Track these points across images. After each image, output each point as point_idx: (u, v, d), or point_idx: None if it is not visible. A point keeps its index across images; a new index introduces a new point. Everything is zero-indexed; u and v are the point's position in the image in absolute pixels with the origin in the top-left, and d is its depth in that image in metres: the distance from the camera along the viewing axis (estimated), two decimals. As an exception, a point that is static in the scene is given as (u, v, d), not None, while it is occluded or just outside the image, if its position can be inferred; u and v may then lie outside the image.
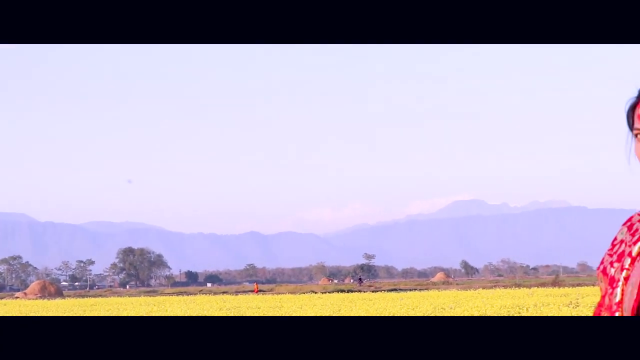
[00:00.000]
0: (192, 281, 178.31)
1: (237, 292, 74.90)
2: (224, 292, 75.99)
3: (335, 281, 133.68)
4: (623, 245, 2.23)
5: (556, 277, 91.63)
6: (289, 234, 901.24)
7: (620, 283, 2.14)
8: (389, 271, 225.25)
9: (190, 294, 72.89)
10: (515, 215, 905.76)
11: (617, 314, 2.10)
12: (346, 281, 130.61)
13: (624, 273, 2.14)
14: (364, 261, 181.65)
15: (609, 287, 2.19)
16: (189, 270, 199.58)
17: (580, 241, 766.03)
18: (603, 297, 2.21)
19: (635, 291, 2.07)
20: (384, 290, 65.67)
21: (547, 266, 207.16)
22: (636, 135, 2.17)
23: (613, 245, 2.28)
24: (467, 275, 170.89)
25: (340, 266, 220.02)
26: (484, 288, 60.62)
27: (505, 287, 63.87)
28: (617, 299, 2.12)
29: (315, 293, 60.23)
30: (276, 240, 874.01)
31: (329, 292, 62.01)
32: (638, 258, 2.14)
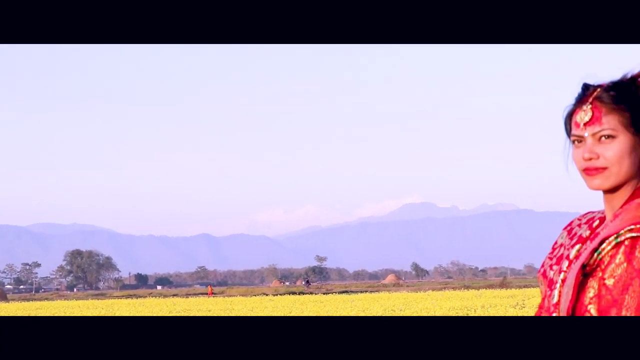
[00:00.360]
0: (141, 284, 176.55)
1: (187, 295, 74.41)
2: (174, 295, 75.41)
3: (287, 283, 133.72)
4: (562, 248, 2.30)
5: (504, 279, 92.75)
6: (241, 236, 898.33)
7: (557, 285, 2.20)
8: (341, 273, 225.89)
9: (140, 296, 72.16)
10: (464, 218, 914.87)
11: (554, 315, 2.17)
12: (298, 283, 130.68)
13: (562, 275, 2.20)
14: (315, 263, 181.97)
15: (547, 290, 2.25)
16: (138, 273, 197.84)
17: (528, 243, 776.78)
18: (543, 299, 2.27)
19: (571, 292, 2.14)
20: (335, 292, 65.92)
21: (496, 268, 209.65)
22: (574, 142, 2.23)
23: (554, 248, 2.35)
24: (418, 277, 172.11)
25: (292, 268, 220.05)
26: (433, 290, 61.17)
27: (454, 289, 64.55)
28: (554, 300, 2.19)
29: (267, 295, 60.07)
30: (227, 242, 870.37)
31: (281, 295, 61.91)
32: (575, 260, 2.20)
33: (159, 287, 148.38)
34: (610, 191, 2.22)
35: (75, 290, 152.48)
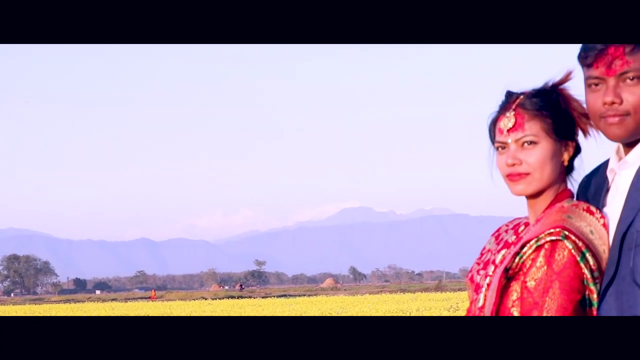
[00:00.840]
0: (80, 288, 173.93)
1: (126, 300, 73.69)
2: (113, 300, 74.62)
3: (227, 287, 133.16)
4: (489, 254, 2.32)
5: (439, 282, 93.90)
6: (180, 241, 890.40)
7: (483, 289, 2.23)
8: (280, 277, 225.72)
9: (78, 301, 71.24)
10: (401, 223, 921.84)
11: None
12: (237, 287, 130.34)
13: (487, 280, 2.22)
14: (254, 267, 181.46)
15: (474, 294, 2.28)
16: (77, 278, 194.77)
17: (463, 247, 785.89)
18: (471, 303, 2.29)
19: (494, 295, 2.16)
20: (274, 296, 65.97)
21: (431, 272, 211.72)
22: (497, 148, 2.25)
23: (482, 254, 2.38)
24: (355, 281, 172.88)
25: (232, 273, 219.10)
26: (370, 293, 61.78)
27: (391, 292, 65.22)
28: (480, 304, 2.21)
29: (206, 299, 59.91)
30: (167, 246, 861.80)
31: (220, 299, 61.79)
32: (499, 266, 2.21)
33: (97, 292, 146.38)
34: (533, 196, 2.24)
35: (12, 295, 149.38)
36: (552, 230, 2.12)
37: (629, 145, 2.18)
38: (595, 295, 2.11)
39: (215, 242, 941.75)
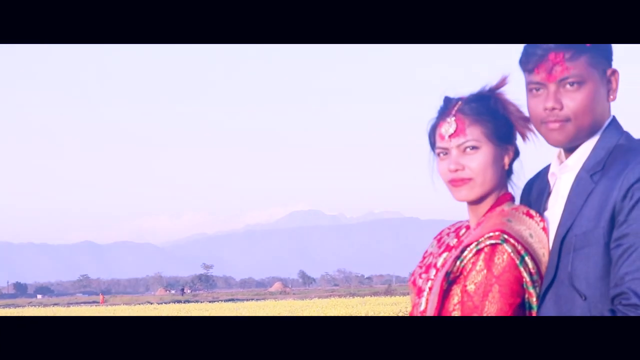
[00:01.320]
0: (20, 293, 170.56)
1: (69, 304, 72.46)
2: (54, 304, 73.28)
3: (173, 291, 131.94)
4: (432, 257, 2.35)
5: (389, 287, 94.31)
6: (125, 244, 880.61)
7: (425, 293, 2.25)
8: (227, 281, 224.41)
9: (18, 306, 69.80)
10: (351, 226, 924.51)
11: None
12: (184, 291, 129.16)
13: (429, 283, 2.24)
14: (202, 271, 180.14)
15: (416, 297, 2.30)
16: (17, 282, 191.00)
17: (413, 251, 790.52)
18: (413, 307, 2.31)
19: (436, 299, 2.18)
20: (222, 301, 65.49)
21: (381, 276, 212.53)
22: (438, 154, 2.28)
23: (424, 257, 2.40)
24: (305, 285, 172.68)
25: (178, 276, 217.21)
26: (320, 297, 61.60)
27: (340, 296, 65.11)
28: (422, 308, 2.24)
29: (151, 304, 59.17)
30: (112, 250, 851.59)
31: (166, 303, 61.08)
32: (441, 270, 2.23)
33: (39, 296, 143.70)
34: (474, 201, 2.27)
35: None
36: (491, 234, 2.14)
37: (569, 150, 2.20)
38: (534, 299, 2.14)
39: (162, 245, 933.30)
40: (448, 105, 2.29)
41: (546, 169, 2.35)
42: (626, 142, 2.16)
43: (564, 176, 2.21)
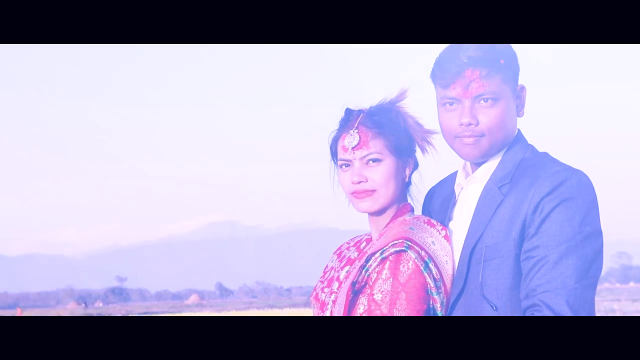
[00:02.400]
0: None
1: (-27, 319, 69.68)
2: (-43, 320, 70.41)
3: (84, 305, 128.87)
4: (333, 271, 2.40)
5: (308, 298, 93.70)
6: (35, 256, 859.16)
7: (329, 306, 2.30)
8: (142, 294, 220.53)
9: None
10: (270, 237, 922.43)
11: None
12: (96, 305, 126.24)
13: (332, 296, 2.29)
14: (115, 284, 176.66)
15: (319, 311, 2.35)
16: None
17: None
18: None
19: (342, 310, 2.22)
20: (136, 315, 63.91)
21: (300, 287, 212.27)
22: (341, 166, 2.34)
23: (325, 272, 2.45)
24: (222, 297, 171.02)
25: (91, 289, 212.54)
26: (237, 309, 60.77)
27: (258, 308, 64.40)
28: None
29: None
30: (21, 262, 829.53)
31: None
32: (344, 282, 2.28)
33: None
34: (376, 213, 2.33)
35: None
36: (395, 242, 2.19)
37: (477, 163, 2.28)
38: (438, 305, 2.18)
39: (74, 257, 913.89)
40: (350, 117, 2.33)
41: (449, 178, 2.42)
42: (532, 155, 2.23)
43: (471, 187, 2.28)
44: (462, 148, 2.22)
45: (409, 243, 2.18)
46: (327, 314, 2.28)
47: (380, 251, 2.20)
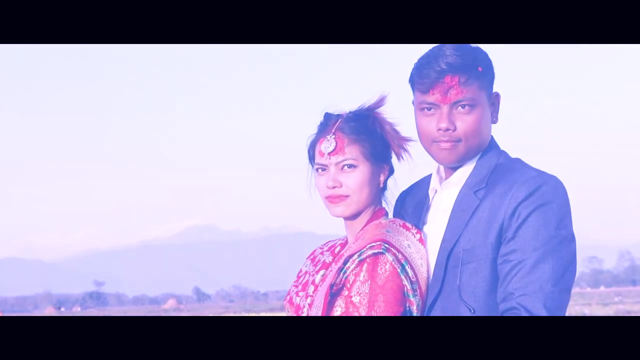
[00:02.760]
0: None
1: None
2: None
3: (63, 309, 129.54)
4: (307, 275, 2.42)
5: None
6: (14, 260, 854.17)
7: (305, 309, 2.31)
8: (120, 298, 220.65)
9: None
10: (248, 241, 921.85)
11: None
12: (74, 310, 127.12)
13: (308, 300, 2.31)
14: (93, 288, 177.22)
15: (295, 315, 2.37)
16: None
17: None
18: None
19: (320, 312, 2.23)
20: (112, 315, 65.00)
21: (277, 291, 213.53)
22: (317, 170, 2.36)
23: (298, 277, 2.48)
24: (199, 302, 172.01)
25: (69, 294, 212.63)
26: (214, 314, 62.21)
27: (235, 312, 65.91)
28: None
29: (40, 323, 58.42)
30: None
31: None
32: (320, 285, 2.30)
33: None
34: (350, 217, 2.35)
35: None
36: (373, 244, 2.21)
37: (452, 167, 2.32)
38: (414, 307, 2.20)
39: (52, 262, 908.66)
40: (328, 122, 2.36)
41: (421, 182, 2.47)
42: (505, 161, 2.28)
43: (446, 192, 2.31)
44: (438, 153, 2.24)
45: (387, 245, 2.19)
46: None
47: (357, 253, 2.22)
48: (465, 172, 2.29)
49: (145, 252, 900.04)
